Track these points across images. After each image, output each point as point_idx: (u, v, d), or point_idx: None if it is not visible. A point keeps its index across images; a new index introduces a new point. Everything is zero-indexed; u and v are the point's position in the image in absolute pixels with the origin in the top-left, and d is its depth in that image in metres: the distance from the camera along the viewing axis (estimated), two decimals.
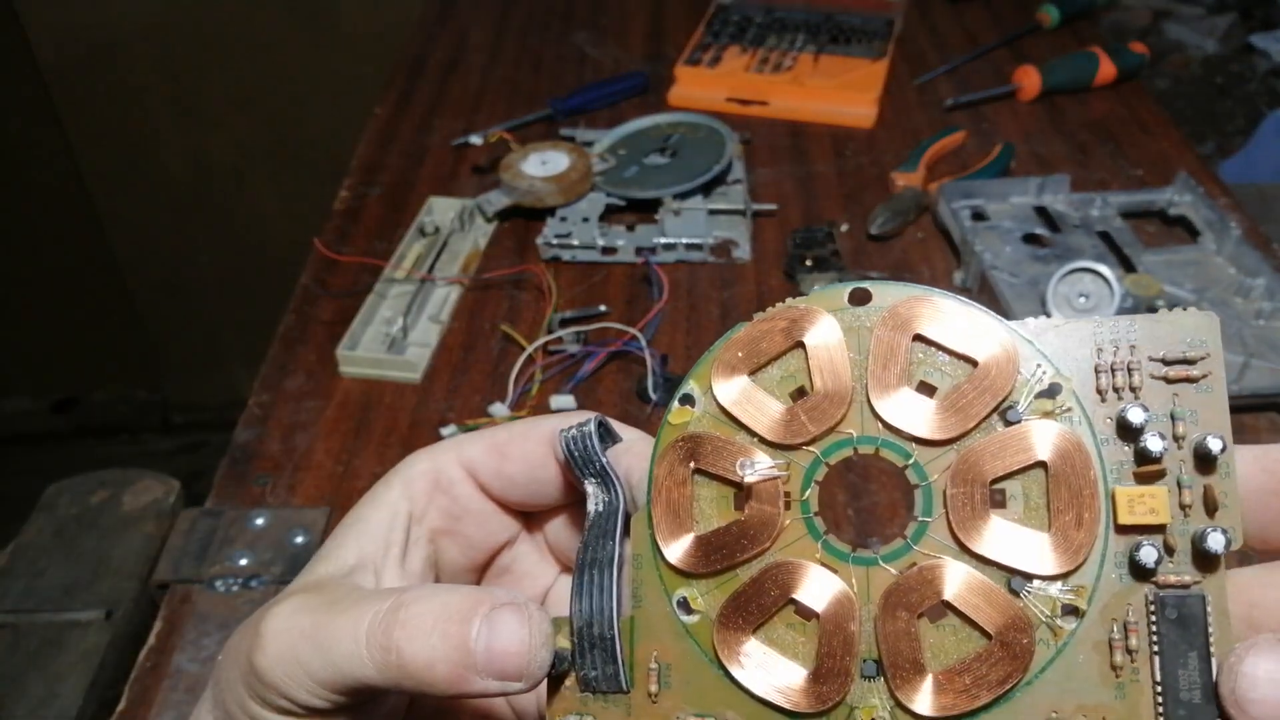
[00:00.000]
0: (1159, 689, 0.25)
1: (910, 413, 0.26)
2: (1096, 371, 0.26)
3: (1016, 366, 0.26)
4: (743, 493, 0.27)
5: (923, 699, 0.25)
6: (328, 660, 0.26)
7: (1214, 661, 0.24)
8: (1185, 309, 0.26)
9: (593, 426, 0.29)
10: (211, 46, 1.72)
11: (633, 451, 0.29)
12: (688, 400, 0.28)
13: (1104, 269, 0.76)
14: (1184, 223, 0.90)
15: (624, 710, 0.27)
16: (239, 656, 0.27)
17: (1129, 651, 0.25)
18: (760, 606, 0.27)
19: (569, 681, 0.27)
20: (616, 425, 0.30)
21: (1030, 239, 0.87)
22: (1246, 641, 0.24)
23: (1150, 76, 2.00)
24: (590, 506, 0.29)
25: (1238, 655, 0.24)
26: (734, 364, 0.27)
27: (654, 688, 0.27)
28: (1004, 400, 0.26)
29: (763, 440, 0.27)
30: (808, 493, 0.27)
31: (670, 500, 0.27)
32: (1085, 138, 1.06)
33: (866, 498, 0.68)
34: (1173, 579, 0.25)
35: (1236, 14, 2.24)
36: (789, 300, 0.28)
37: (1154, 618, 0.25)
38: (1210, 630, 0.25)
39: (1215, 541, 0.24)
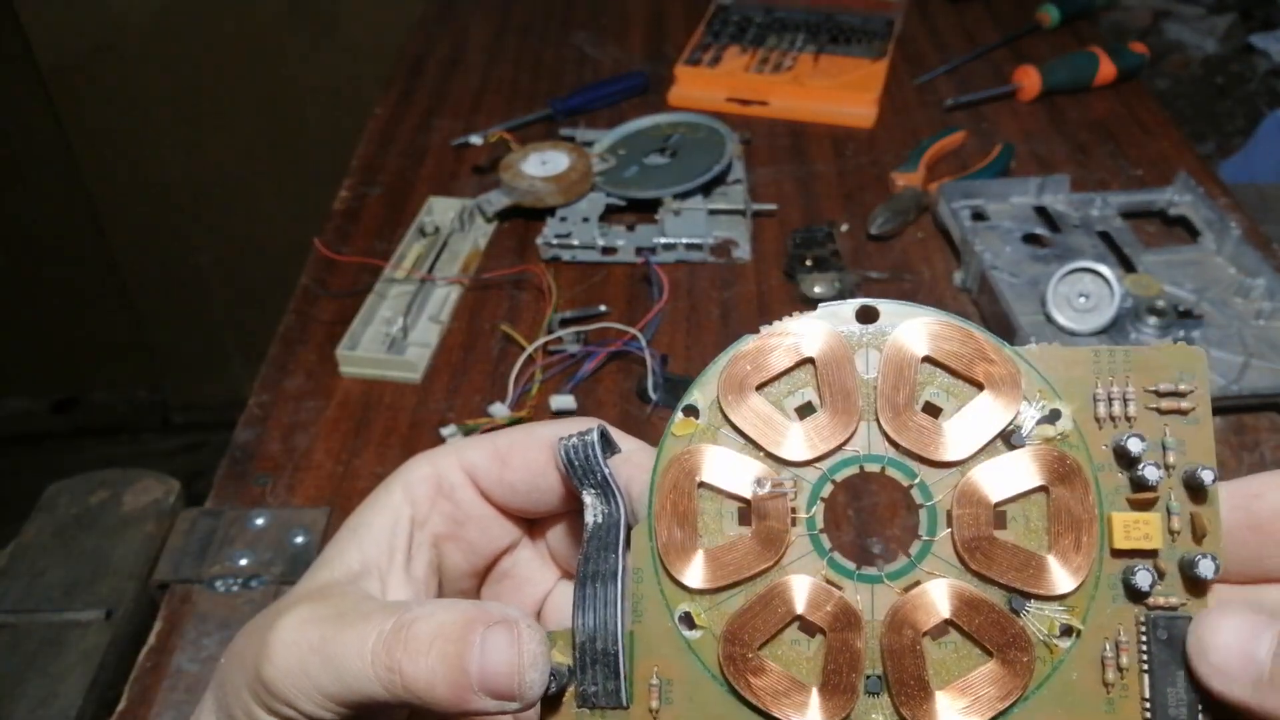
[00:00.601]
0: (1148, 705, 0.26)
1: (917, 433, 0.27)
2: (1094, 399, 0.27)
3: (1021, 392, 0.26)
4: (749, 508, 0.27)
5: (927, 715, 0.26)
6: (335, 676, 0.26)
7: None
8: (1175, 342, 0.27)
9: (595, 436, 0.28)
10: (211, 47, 1.72)
11: (633, 462, 0.29)
12: (692, 412, 0.28)
13: (1104, 269, 0.76)
14: (1184, 223, 0.90)
15: None
16: (245, 663, 0.27)
17: (1120, 669, 0.26)
18: (766, 623, 0.27)
19: (566, 697, 0.27)
20: (616, 434, 0.30)
21: (1030, 239, 0.87)
22: (1216, 606, 0.26)
23: (1150, 76, 2.00)
24: (589, 517, 0.28)
25: (1207, 611, 0.26)
26: (742, 378, 0.27)
27: (655, 704, 0.27)
28: (1008, 425, 0.27)
29: (770, 456, 0.27)
30: (814, 510, 0.27)
31: (674, 514, 0.27)
32: (1085, 138, 1.06)
33: (867, 498, 0.68)
34: (1163, 601, 0.26)
35: (1236, 14, 2.24)
36: (796, 315, 0.28)
37: (1144, 638, 0.26)
38: None
39: (1206, 568, 0.25)
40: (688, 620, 0.27)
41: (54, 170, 1.79)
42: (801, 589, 0.27)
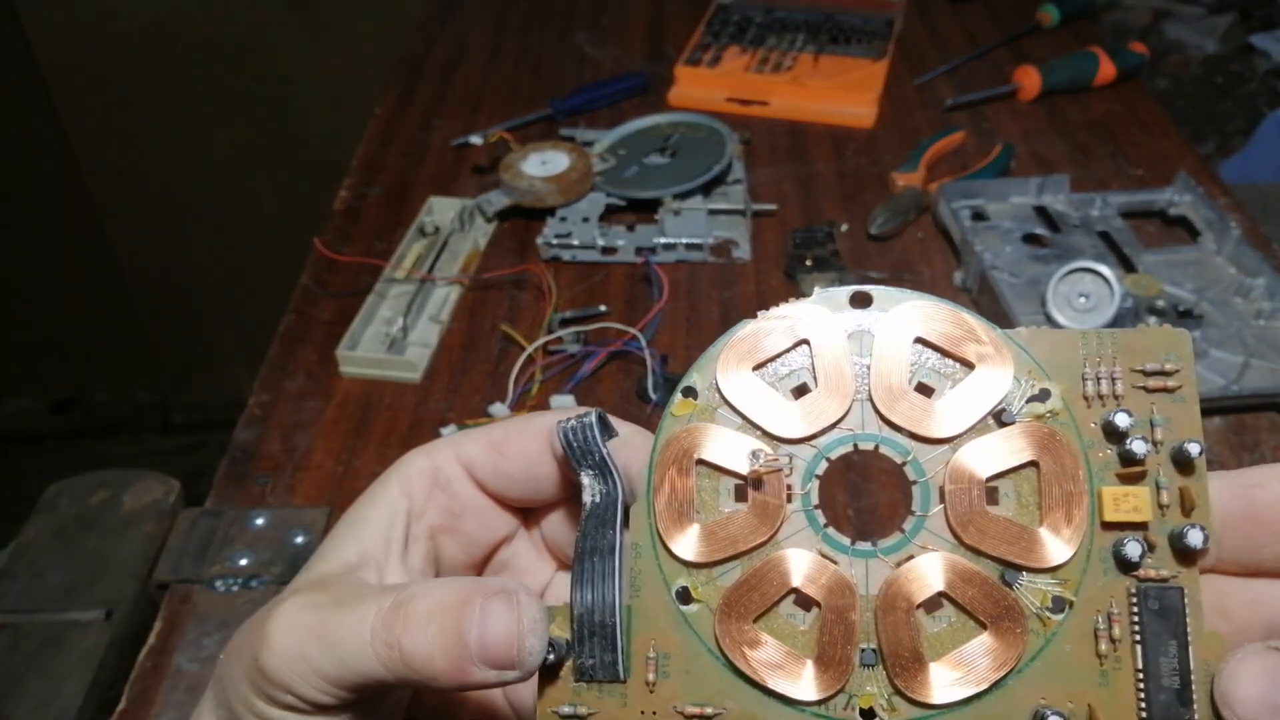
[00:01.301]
0: (1141, 675, 0.26)
1: (909, 412, 0.27)
2: (1083, 379, 0.27)
3: (1011, 372, 0.27)
4: (746, 485, 0.28)
5: (921, 687, 0.27)
6: (335, 657, 0.26)
7: (1191, 650, 0.26)
8: (1161, 324, 0.28)
9: (593, 418, 0.29)
10: (211, 46, 1.72)
11: (631, 445, 0.29)
12: (690, 393, 0.28)
13: (1104, 269, 0.76)
14: (1184, 223, 0.90)
15: (619, 700, 0.27)
16: (244, 655, 0.27)
17: (1113, 640, 0.26)
18: (762, 596, 0.27)
19: (563, 671, 0.28)
20: (613, 420, 0.30)
21: (1030, 239, 0.87)
22: (1238, 651, 0.25)
23: (1150, 76, 1.99)
24: (586, 497, 0.29)
25: (1228, 660, 0.25)
26: (739, 359, 0.28)
27: (651, 677, 0.27)
28: (999, 403, 0.27)
29: (766, 434, 0.28)
30: (809, 486, 0.28)
31: (673, 490, 0.28)
32: (1085, 138, 1.06)
33: (866, 497, 0.68)
34: (1153, 573, 0.26)
35: (1236, 14, 2.24)
36: (792, 300, 0.29)
37: (1136, 609, 0.26)
38: (1187, 620, 0.26)
39: (1195, 538, 0.26)
40: (684, 595, 0.28)
41: (54, 170, 1.79)
42: (797, 562, 0.27)
